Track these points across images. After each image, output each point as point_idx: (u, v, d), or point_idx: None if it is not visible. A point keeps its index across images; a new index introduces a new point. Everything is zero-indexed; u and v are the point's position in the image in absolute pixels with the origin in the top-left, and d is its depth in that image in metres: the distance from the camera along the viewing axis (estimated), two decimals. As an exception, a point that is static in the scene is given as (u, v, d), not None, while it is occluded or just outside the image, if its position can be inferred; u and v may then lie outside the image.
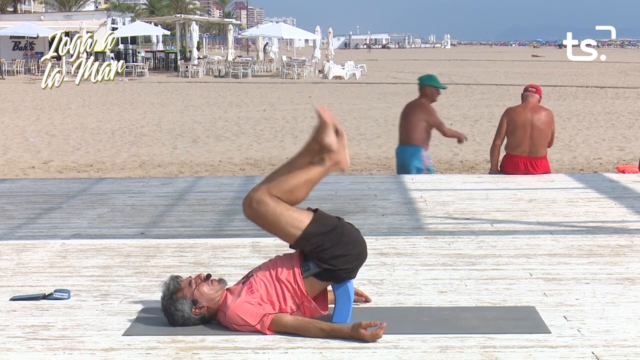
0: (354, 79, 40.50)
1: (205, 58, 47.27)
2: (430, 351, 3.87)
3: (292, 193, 4.13)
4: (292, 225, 4.12)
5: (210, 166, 14.63)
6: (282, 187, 4.12)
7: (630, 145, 16.87)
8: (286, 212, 4.12)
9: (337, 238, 4.15)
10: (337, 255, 4.13)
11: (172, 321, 4.20)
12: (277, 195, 4.12)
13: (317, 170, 4.20)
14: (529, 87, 9.61)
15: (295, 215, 4.13)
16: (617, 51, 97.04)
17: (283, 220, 4.12)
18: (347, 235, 4.19)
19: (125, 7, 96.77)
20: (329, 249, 4.12)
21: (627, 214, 7.28)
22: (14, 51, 45.85)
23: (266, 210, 4.12)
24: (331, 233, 4.14)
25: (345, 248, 4.15)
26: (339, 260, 4.13)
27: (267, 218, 4.13)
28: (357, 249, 4.21)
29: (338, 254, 4.13)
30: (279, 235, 4.20)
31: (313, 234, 4.11)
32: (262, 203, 4.12)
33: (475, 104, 26.12)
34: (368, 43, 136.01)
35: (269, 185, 4.15)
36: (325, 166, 4.20)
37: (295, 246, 4.19)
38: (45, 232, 6.76)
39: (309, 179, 4.17)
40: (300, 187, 4.15)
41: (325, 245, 4.12)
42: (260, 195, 4.13)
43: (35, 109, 25.24)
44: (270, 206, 4.11)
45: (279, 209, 4.11)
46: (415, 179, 9.23)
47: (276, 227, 4.15)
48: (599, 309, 4.48)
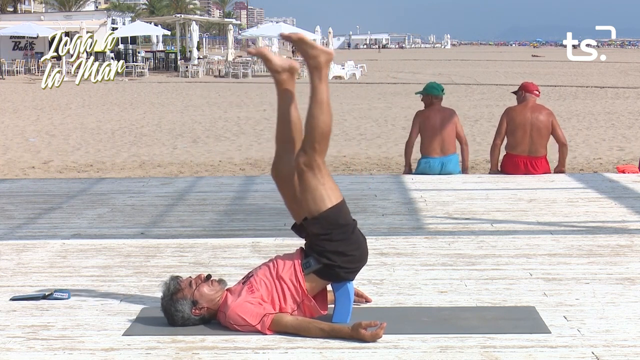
0: (354, 79, 40.50)
1: (205, 58, 47.30)
2: (430, 351, 3.87)
3: (325, 132, 4.11)
4: (319, 199, 4.09)
5: (210, 166, 14.63)
6: (316, 134, 4.10)
7: (630, 145, 16.86)
8: (321, 185, 4.10)
9: (346, 235, 4.15)
10: (339, 251, 4.13)
11: (172, 321, 4.20)
12: (317, 148, 4.09)
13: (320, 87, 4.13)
14: (533, 90, 9.56)
15: (327, 193, 4.10)
16: (617, 51, 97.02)
17: (317, 191, 4.09)
18: (355, 236, 4.20)
19: (125, 7, 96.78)
20: (334, 242, 4.12)
21: (627, 214, 7.28)
22: (14, 51, 45.84)
23: (308, 177, 4.09)
24: (343, 227, 4.15)
25: (350, 247, 4.15)
26: (340, 257, 4.13)
27: (306, 185, 4.10)
28: (360, 252, 4.21)
29: (341, 250, 4.13)
30: (301, 203, 4.13)
31: (328, 219, 4.10)
32: (307, 168, 4.09)
33: (475, 104, 26.11)
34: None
35: (306, 143, 4.11)
36: (321, 74, 4.15)
37: (308, 223, 4.14)
38: (45, 232, 6.76)
39: (325, 103, 4.11)
40: (325, 118, 4.11)
41: (333, 236, 4.12)
42: (307, 160, 4.08)
43: (35, 109, 25.24)
44: (311, 174, 4.08)
45: (319, 177, 4.09)
46: (415, 179, 9.24)
47: (307, 194, 4.10)
48: (599, 309, 4.48)
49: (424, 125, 9.57)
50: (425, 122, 9.54)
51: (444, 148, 9.53)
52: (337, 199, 4.15)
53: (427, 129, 9.56)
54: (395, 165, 14.05)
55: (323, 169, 4.13)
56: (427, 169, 9.54)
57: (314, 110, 4.12)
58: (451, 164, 9.57)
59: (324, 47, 4.24)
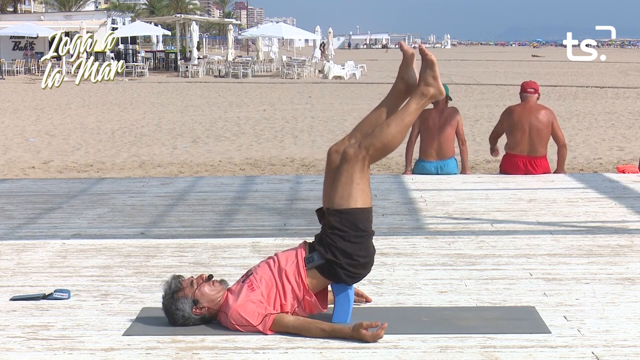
0: (354, 79, 40.49)
1: (205, 58, 47.26)
2: (430, 351, 3.87)
3: (387, 145, 4.17)
4: (347, 196, 4.13)
5: (210, 166, 14.63)
6: (380, 141, 4.14)
7: (630, 145, 16.87)
8: (355, 185, 4.13)
9: (360, 239, 4.17)
10: (348, 251, 4.14)
11: (173, 321, 4.20)
12: (372, 154, 4.14)
13: (412, 109, 4.22)
14: (527, 88, 9.58)
15: (356, 194, 4.14)
16: (617, 51, 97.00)
17: (348, 188, 4.13)
18: (367, 245, 4.22)
19: (125, 7, 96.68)
20: (346, 242, 4.14)
21: (627, 214, 7.28)
22: (14, 51, 45.84)
23: (346, 169, 4.13)
24: (361, 232, 4.17)
25: (358, 253, 4.17)
26: (345, 257, 4.14)
27: (340, 175, 4.15)
28: (366, 260, 4.23)
29: (349, 251, 4.15)
30: (334, 192, 4.17)
31: (350, 217, 4.13)
32: (351, 162, 4.13)
33: (475, 104, 26.11)
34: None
35: (367, 141, 4.15)
36: (420, 102, 4.23)
37: (329, 212, 4.18)
38: (45, 232, 6.76)
39: (405, 124, 4.19)
40: (397, 135, 4.18)
41: (346, 236, 4.14)
42: (354, 154, 4.13)
43: (35, 109, 25.24)
44: (351, 169, 4.12)
45: (355, 177, 4.13)
46: (415, 178, 9.24)
47: (337, 186, 4.15)
48: (599, 309, 4.48)
49: (423, 127, 9.56)
50: (424, 124, 9.52)
51: (440, 152, 9.50)
52: (365, 204, 4.18)
53: (425, 131, 9.54)
54: (395, 165, 14.05)
55: (365, 172, 4.17)
56: (422, 173, 9.52)
57: (393, 122, 4.20)
58: (448, 168, 9.53)
59: (441, 85, 4.31)
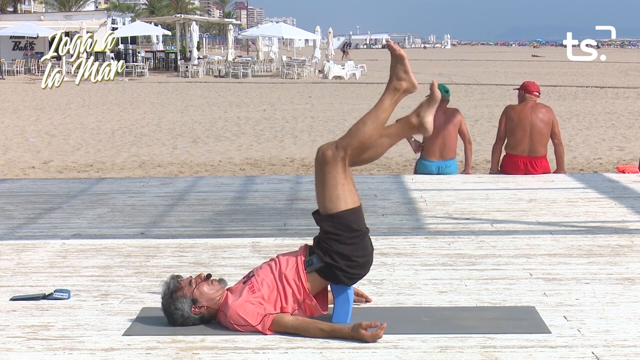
0: (354, 79, 40.49)
1: (205, 58, 47.25)
2: (430, 351, 3.87)
3: (364, 144, 4.16)
4: (335, 199, 4.14)
5: (210, 166, 14.63)
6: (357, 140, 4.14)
7: (630, 145, 16.87)
8: (340, 186, 4.14)
9: (355, 240, 4.17)
10: (345, 254, 4.14)
11: (172, 320, 4.20)
12: (350, 153, 4.13)
13: (386, 105, 4.23)
14: (533, 91, 9.51)
15: (344, 195, 4.14)
16: (617, 51, 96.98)
17: (335, 190, 4.14)
18: (364, 244, 4.22)
19: (125, 7, 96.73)
20: (342, 244, 4.14)
21: (627, 214, 7.28)
22: (14, 51, 45.82)
23: (329, 172, 4.13)
24: (355, 232, 4.17)
25: (355, 253, 4.17)
26: (343, 260, 4.14)
27: (324, 178, 4.16)
28: (364, 260, 4.22)
29: (346, 253, 4.15)
30: (321, 196, 4.18)
31: (342, 220, 4.13)
32: (332, 164, 4.13)
33: (475, 104, 26.11)
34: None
35: (344, 141, 4.16)
36: (394, 97, 4.25)
37: (321, 218, 4.19)
38: (45, 232, 6.76)
39: (380, 121, 4.19)
40: (373, 133, 4.17)
41: (342, 238, 4.14)
42: (332, 155, 4.14)
43: (35, 109, 25.23)
44: (333, 171, 4.13)
45: (339, 178, 4.13)
46: (415, 178, 9.24)
47: (324, 190, 4.16)
48: (599, 309, 4.48)
49: None
50: None
51: (443, 152, 9.49)
52: (354, 204, 4.18)
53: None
54: (395, 165, 14.06)
55: (348, 172, 4.17)
56: (423, 172, 9.52)
57: (368, 120, 4.20)
58: (449, 169, 9.52)
59: (414, 78, 4.31)
